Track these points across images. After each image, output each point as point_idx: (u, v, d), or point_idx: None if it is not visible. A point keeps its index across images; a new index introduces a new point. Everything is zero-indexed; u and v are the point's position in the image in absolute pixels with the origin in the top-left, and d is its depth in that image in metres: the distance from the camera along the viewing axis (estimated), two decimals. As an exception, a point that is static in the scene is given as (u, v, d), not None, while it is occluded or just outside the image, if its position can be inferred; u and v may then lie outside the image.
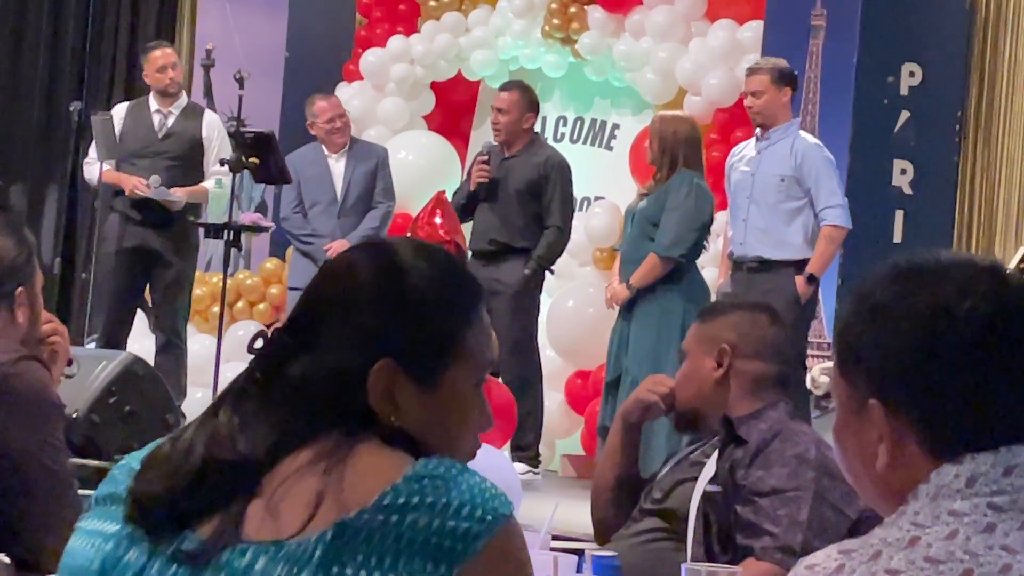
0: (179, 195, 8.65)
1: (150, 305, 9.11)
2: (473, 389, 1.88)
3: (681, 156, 7.76)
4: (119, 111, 8.95)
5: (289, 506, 1.70)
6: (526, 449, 8.37)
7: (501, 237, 8.47)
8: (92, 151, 8.89)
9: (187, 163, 8.82)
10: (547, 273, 8.61)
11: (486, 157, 8.57)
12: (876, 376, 1.60)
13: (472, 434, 1.90)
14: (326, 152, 9.29)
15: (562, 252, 8.66)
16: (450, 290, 1.87)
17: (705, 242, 7.88)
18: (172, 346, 8.76)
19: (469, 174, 8.79)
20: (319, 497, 1.69)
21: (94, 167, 8.80)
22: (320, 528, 1.67)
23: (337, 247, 8.72)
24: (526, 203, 8.48)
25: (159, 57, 8.91)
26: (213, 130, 8.92)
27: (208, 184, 8.76)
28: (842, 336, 1.65)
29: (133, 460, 1.83)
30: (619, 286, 7.83)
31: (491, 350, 1.93)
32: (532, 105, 8.71)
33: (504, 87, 8.91)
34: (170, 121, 8.87)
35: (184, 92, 9.18)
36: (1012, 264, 7.75)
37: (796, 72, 7.90)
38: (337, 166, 9.26)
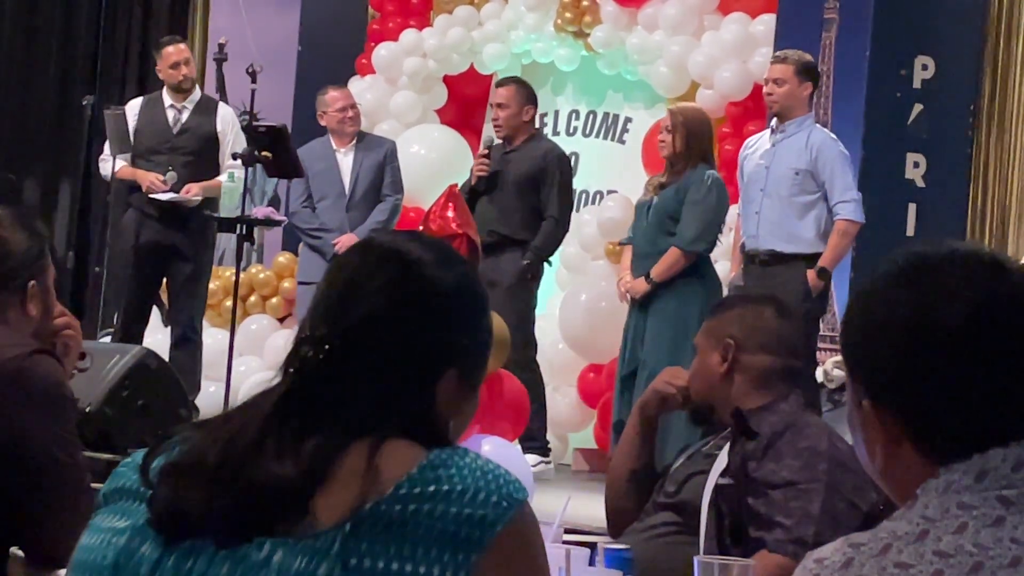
0: (196, 194, 8.65)
1: (166, 300, 9.12)
2: None
3: (700, 149, 7.77)
4: (133, 107, 8.95)
5: (323, 504, 1.70)
6: (533, 439, 8.35)
7: (501, 229, 8.46)
8: (107, 147, 8.90)
9: (203, 158, 8.83)
10: (545, 265, 8.59)
11: (487, 151, 8.59)
12: (868, 380, 1.61)
13: None
14: (334, 146, 9.28)
15: (559, 244, 8.66)
16: (484, 292, 1.92)
17: (719, 235, 7.88)
18: (188, 340, 8.75)
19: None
20: (357, 494, 1.68)
21: (109, 163, 8.81)
22: (341, 521, 1.67)
23: (345, 241, 8.72)
24: (525, 195, 8.48)
25: (172, 53, 8.91)
26: (227, 124, 8.92)
27: (223, 178, 8.77)
28: (842, 336, 1.66)
29: (139, 457, 1.83)
30: (636, 280, 7.79)
31: None
32: (530, 98, 8.70)
33: (501, 83, 8.92)
34: (184, 116, 8.88)
35: (197, 87, 9.19)
36: (1025, 257, 7.74)
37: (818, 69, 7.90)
38: (345, 160, 9.25)
